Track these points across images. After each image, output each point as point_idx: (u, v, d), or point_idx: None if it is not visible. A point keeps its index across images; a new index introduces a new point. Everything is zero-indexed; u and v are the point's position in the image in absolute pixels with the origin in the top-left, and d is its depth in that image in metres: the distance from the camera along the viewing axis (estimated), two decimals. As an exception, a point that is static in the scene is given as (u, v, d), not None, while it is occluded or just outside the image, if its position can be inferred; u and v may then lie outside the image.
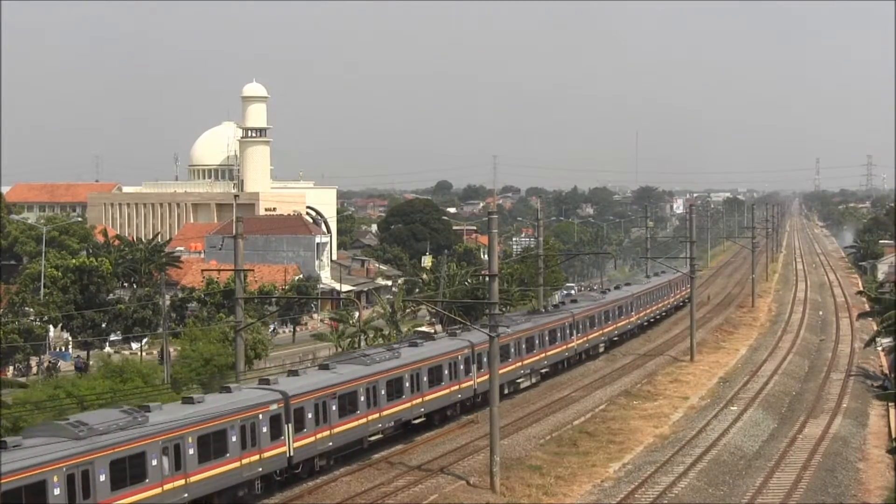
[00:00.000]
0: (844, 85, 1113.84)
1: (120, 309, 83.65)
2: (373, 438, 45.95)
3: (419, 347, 51.34)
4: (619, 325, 79.53)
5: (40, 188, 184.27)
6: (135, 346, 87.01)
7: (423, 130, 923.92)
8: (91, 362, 77.15)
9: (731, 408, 57.26)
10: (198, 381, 57.57)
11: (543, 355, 63.48)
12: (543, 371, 64.05)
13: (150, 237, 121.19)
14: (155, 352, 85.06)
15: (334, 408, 42.77)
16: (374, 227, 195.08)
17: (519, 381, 60.82)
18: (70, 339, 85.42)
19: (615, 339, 79.07)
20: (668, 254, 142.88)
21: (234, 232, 48.16)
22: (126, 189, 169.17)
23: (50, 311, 78.27)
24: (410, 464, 44.73)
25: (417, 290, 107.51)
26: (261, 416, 38.91)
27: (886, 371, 70.34)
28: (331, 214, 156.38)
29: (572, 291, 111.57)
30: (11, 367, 76.22)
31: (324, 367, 45.99)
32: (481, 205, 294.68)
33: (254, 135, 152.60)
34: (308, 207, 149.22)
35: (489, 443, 41.61)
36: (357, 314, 76.75)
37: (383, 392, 46.14)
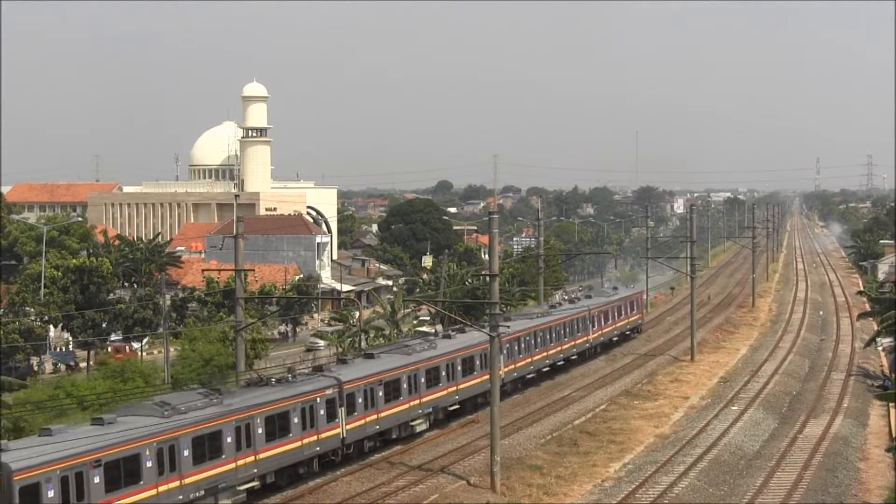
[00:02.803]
0: (844, 85, 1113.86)
1: (120, 309, 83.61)
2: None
3: None
4: (462, 386, 53.79)
5: (40, 188, 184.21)
6: (135, 345, 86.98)
7: (424, 130, 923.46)
8: (90, 363, 77.14)
9: (732, 407, 57.27)
10: (198, 381, 57.48)
11: (270, 453, 40.23)
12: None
13: (151, 237, 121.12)
14: (155, 351, 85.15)
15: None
16: (375, 227, 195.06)
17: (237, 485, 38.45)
18: (70, 338, 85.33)
19: (457, 403, 53.60)
20: (669, 253, 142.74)
21: (234, 232, 48.21)
22: (126, 189, 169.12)
23: (50, 311, 78.22)
24: (411, 464, 44.76)
25: (418, 289, 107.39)
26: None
27: (887, 371, 70.37)
28: (331, 214, 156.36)
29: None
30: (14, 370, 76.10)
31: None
32: (482, 204, 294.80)
33: (254, 135, 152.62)
34: (308, 207, 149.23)
35: (489, 443, 41.63)
36: (357, 314, 76.70)
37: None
